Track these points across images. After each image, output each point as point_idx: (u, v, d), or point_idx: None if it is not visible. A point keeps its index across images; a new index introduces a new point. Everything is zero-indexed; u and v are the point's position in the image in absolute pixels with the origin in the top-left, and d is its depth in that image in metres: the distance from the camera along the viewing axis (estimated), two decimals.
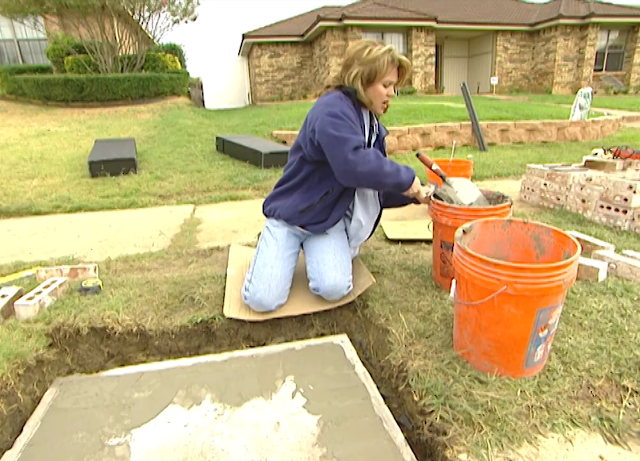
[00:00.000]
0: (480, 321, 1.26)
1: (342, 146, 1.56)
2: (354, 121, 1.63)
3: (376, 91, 1.68)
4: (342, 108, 1.61)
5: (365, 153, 1.57)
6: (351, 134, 1.57)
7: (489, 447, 1.04)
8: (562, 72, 15.02)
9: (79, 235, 2.94)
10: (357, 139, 1.57)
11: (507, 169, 4.94)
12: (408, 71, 1.70)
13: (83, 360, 1.69)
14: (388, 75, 1.66)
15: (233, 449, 1.17)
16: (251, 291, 1.69)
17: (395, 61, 1.66)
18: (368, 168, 1.56)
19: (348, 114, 1.61)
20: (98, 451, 1.18)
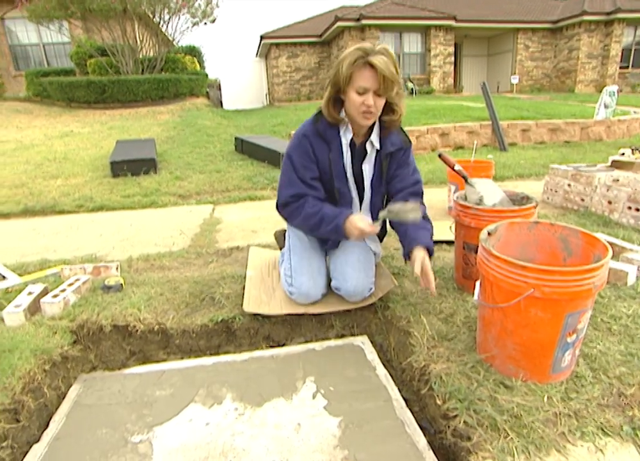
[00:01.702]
0: (506, 324, 1.23)
1: (277, 197, 1.66)
2: (305, 159, 1.59)
3: (349, 100, 1.49)
4: (297, 144, 1.60)
5: (294, 209, 1.61)
6: (286, 187, 1.61)
7: (516, 454, 1.01)
8: (585, 69, 14.67)
9: (101, 234, 3.00)
10: (286, 195, 1.61)
11: (528, 170, 4.85)
12: (388, 74, 1.39)
13: (106, 357, 1.72)
14: (358, 80, 1.42)
15: (254, 449, 1.17)
16: (296, 285, 1.71)
17: (359, 61, 1.40)
18: (296, 223, 1.67)
19: (298, 153, 1.60)
20: (121, 447, 1.20)
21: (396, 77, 1.42)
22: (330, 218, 1.54)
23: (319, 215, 1.56)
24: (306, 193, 1.60)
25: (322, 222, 1.55)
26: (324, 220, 1.55)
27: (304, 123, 1.64)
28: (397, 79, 1.44)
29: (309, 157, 1.59)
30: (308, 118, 1.67)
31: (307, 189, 1.60)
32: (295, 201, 1.60)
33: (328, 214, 1.56)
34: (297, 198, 1.60)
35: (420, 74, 14.65)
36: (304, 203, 1.59)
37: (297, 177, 1.59)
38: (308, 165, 1.60)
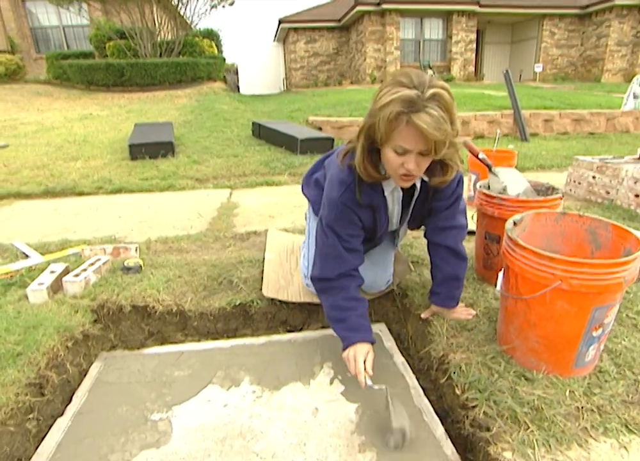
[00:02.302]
0: (529, 316, 1.20)
1: (317, 269, 1.41)
2: (351, 228, 1.34)
3: (385, 158, 1.17)
4: (339, 214, 1.30)
5: (330, 287, 1.37)
6: (332, 262, 1.35)
7: (536, 446, 1.00)
8: (614, 58, 14.13)
9: (119, 215, 3.03)
10: (332, 272, 1.35)
11: (550, 161, 4.73)
12: (437, 137, 1.04)
13: (125, 337, 1.75)
14: (397, 139, 1.08)
15: (271, 432, 1.18)
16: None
17: (400, 118, 1.04)
18: (322, 299, 1.42)
19: (343, 224, 1.32)
20: (141, 424, 1.22)
21: (450, 134, 1.06)
22: (349, 328, 1.32)
23: (345, 315, 1.34)
24: (353, 268, 1.37)
25: (340, 322, 1.35)
26: (344, 323, 1.34)
27: (336, 183, 1.30)
28: (452, 134, 1.08)
29: (355, 225, 1.34)
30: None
31: (353, 258, 1.36)
32: (336, 280, 1.36)
33: (351, 321, 1.33)
34: (340, 278, 1.36)
35: (440, 61, 14.32)
36: (342, 290, 1.36)
37: (344, 249, 1.34)
38: (356, 232, 1.36)
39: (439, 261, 1.50)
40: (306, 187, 1.74)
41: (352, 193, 1.28)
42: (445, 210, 1.44)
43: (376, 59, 13.64)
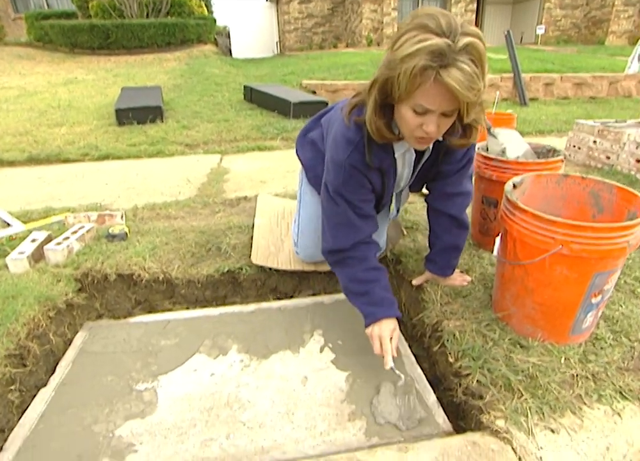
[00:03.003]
0: (527, 282, 1.15)
1: (329, 241, 1.26)
2: (362, 193, 1.20)
3: (401, 117, 1.00)
4: (346, 177, 1.15)
5: (345, 258, 1.24)
6: (344, 231, 1.22)
7: (529, 414, 0.98)
8: (620, 19, 13.58)
9: (106, 182, 2.92)
10: (345, 242, 1.22)
11: (549, 126, 4.61)
12: (468, 97, 0.88)
13: (112, 306, 1.70)
14: (419, 97, 0.92)
15: (259, 401, 1.15)
16: (301, 246, 1.61)
17: (426, 73, 0.87)
18: (338, 272, 1.29)
19: (352, 189, 1.18)
20: (126, 394, 1.19)
21: (480, 94, 0.90)
22: (372, 302, 1.21)
23: (366, 288, 1.22)
24: (368, 235, 1.24)
25: (362, 296, 1.22)
26: (366, 297, 1.22)
27: (342, 142, 1.14)
28: (481, 95, 0.92)
29: (365, 188, 1.20)
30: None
31: (367, 225, 1.23)
32: (352, 249, 1.23)
33: (375, 296, 1.21)
34: (356, 247, 1.23)
35: None
36: (361, 261, 1.23)
37: (356, 215, 1.20)
38: (367, 197, 1.22)
39: (439, 230, 1.41)
40: (300, 148, 1.59)
41: (360, 154, 1.12)
42: (453, 175, 1.31)
43: (372, 21, 13.07)
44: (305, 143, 1.53)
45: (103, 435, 1.06)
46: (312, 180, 1.52)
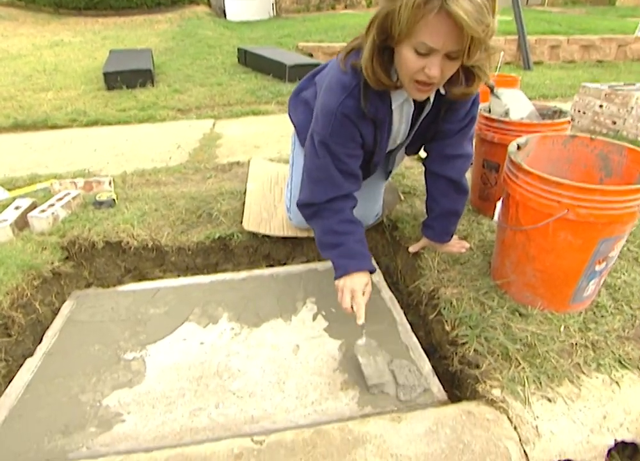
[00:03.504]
0: (528, 249, 1.10)
1: (304, 193, 1.22)
2: (350, 147, 1.12)
3: (401, 60, 0.92)
4: (336, 127, 1.07)
5: (319, 211, 1.18)
6: (321, 187, 1.15)
7: (526, 384, 0.95)
8: None
9: (95, 149, 2.82)
10: (321, 198, 1.16)
11: (553, 91, 4.44)
12: (476, 32, 0.79)
13: (101, 274, 1.65)
14: (422, 33, 0.83)
15: (249, 370, 1.12)
16: (294, 212, 1.54)
17: (430, 4, 0.79)
18: (311, 224, 1.25)
19: (341, 141, 1.10)
20: (114, 364, 1.16)
21: (491, 30, 0.83)
22: (345, 254, 1.16)
23: (339, 240, 1.17)
24: (347, 193, 1.18)
25: (335, 248, 1.17)
26: (339, 249, 1.17)
27: (336, 87, 1.06)
28: (492, 31, 0.83)
29: (354, 142, 1.12)
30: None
31: (348, 184, 1.17)
32: (327, 203, 1.17)
33: (348, 248, 1.16)
34: (332, 201, 1.17)
35: None
36: (336, 213, 1.18)
37: (339, 171, 1.13)
38: (355, 152, 1.15)
39: (437, 194, 1.33)
40: (293, 109, 1.50)
41: (355, 101, 1.04)
42: (453, 135, 1.23)
43: None
44: (298, 103, 1.44)
45: (90, 404, 1.03)
46: (304, 143, 1.43)
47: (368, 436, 0.86)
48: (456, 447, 0.83)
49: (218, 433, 0.95)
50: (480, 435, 0.84)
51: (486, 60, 0.97)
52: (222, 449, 0.85)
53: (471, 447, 0.82)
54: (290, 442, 0.86)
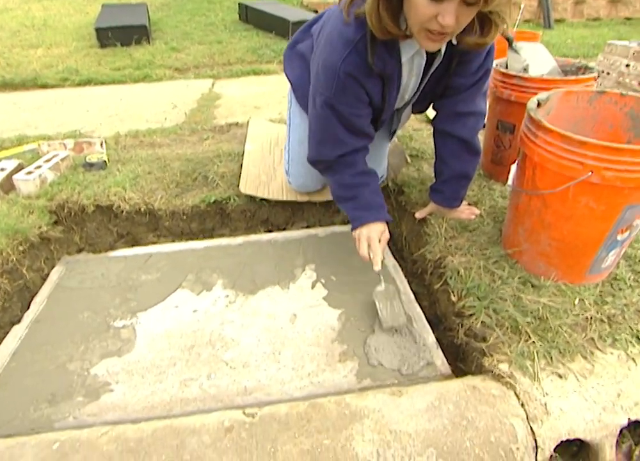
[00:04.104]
0: (544, 215, 1.02)
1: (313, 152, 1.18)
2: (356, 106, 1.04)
3: (411, 6, 0.83)
4: (340, 87, 0.99)
5: (332, 165, 1.15)
6: (328, 146, 1.11)
7: (536, 358, 0.90)
8: None
9: (87, 109, 2.74)
10: (329, 155, 1.12)
11: (575, 50, 4.22)
12: None
13: (92, 240, 1.60)
14: None
15: (244, 339, 1.09)
16: (292, 175, 1.48)
17: None
18: (327, 179, 1.23)
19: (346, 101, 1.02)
20: (103, 331, 1.13)
21: None
22: (360, 206, 1.15)
23: (354, 193, 1.15)
24: (355, 148, 1.13)
25: (350, 201, 1.16)
26: (354, 201, 1.15)
27: (337, 41, 0.96)
28: None
29: (361, 102, 1.04)
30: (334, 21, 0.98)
31: (357, 141, 1.12)
32: (339, 159, 1.14)
33: (363, 200, 1.15)
34: (343, 157, 1.13)
35: None
36: (348, 166, 1.14)
37: (346, 131, 1.08)
38: (362, 112, 1.07)
39: (448, 155, 1.25)
40: (289, 64, 1.40)
41: (359, 57, 0.95)
42: (465, 90, 1.14)
43: None
44: (293, 57, 1.34)
45: (78, 373, 1.01)
46: (301, 99, 1.34)
47: (366, 410, 0.83)
48: (459, 423, 0.79)
49: (209, 405, 0.92)
50: (485, 412, 0.80)
51: (506, 5, 0.86)
52: (212, 421, 0.82)
53: (475, 423, 0.78)
54: (283, 416, 0.82)
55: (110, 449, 0.75)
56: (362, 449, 0.76)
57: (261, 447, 0.77)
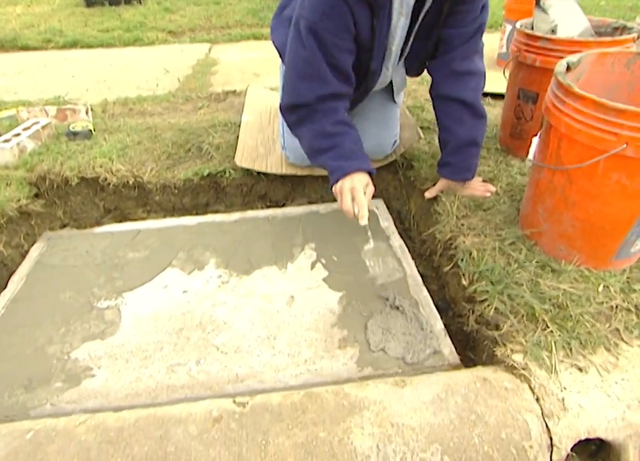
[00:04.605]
0: (569, 193, 0.97)
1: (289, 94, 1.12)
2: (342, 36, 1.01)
3: None
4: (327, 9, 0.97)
5: (309, 114, 1.09)
6: (309, 82, 1.06)
7: (554, 349, 0.86)
8: None
9: (73, 74, 2.68)
10: (311, 95, 1.07)
11: (609, 13, 4.04)
12: None
13: (77, 215, 1.57)
14: None
15: (236, 322, 1.06)
16: (289, 148, 1.44)
17: None
18: (298, 132, 1.17)
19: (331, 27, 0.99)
20: (86, 313, 1.10)
21: None
22: (341, 155, 1.09)
23: (334, 142, 1.09)
24: (338, 92, 1.09)
25: (328, 151, 1.10)
26: (333, 151, 1.09)
27: None
28: None
29: (347, 31, 1.01)
30: None
31: (339, 83, 1.07)
32: (317, 103, 1.08)
33: (344, 148, 1.09)
34: (322, 100, 1.08)
35: None
36: (328, 113, 1.09)
37: (328, 65, 1.03)
38: (347, 45, 1.04)
39: (450, 122, 1.20)
40: (274, 30, 1.38)
41: None
42: (460, 46, 1.12)
43: None
44: (280, 24, 1.33)
45: (57, 357, 0.99)
46: None
47: (367, 401, 0.80)
48: (467, 418, 0.76)
49: (198, 392, 0.90)
50: (496, 406, 0.77)
51: None
52: (199, 410, 0.79)
53: (484, 419, 0.75)
54: (276, 406, 0.80)
55: (88, 439, 0.73)
56: (361, 444, 0.74)
57: (251, 439, 0.74)
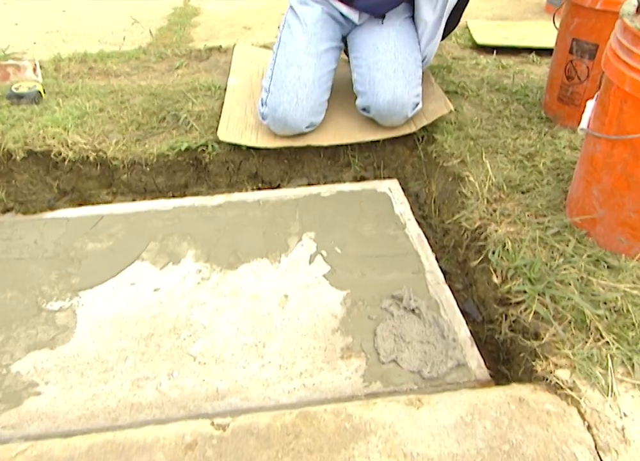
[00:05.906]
0: (632, 170, 0.94)
1: None
2: None
3: None
4: None
5: None
6: None
7: (610, 365, 0.83)
8: None
9: (16, 22, 2.76)
10: None
11: None
12: None
13: (24, 197, 1.58)
14: None
15: (218, 327, 1.06)
16: (271, 103, 1.47)
17: None
18: None
19: None
20: (32, 316, 1.10)
21: None
22: None
23: None
24: None
25: None
26: None
27: None
28: None
29: None
30: None
31: None
32: None
33: None
34: None
35: None
36: None
37: None
38: None
39: None
40: None
41: None
42: None
43: None
44: None
45: None
46: None
47: (374, 425, 0.79)
48: (499, 448, 0.74)
49: (168, 412, 0.89)
50: (536, 434, 0.76)
51: None
52: (169, 435, 0.78)
53: (521, 449, 0.74)
54: (264, 428, 0.79)
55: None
56: None
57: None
